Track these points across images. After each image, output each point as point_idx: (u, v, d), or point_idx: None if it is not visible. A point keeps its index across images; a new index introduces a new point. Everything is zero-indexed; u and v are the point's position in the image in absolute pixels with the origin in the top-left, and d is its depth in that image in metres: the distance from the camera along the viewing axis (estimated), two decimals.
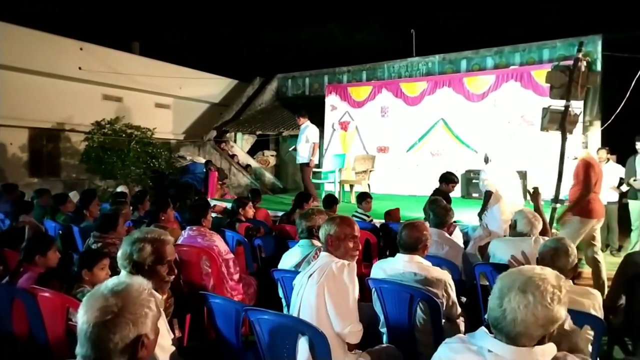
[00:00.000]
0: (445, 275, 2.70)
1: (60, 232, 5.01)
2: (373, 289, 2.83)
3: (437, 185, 9.22)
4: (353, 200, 8.10)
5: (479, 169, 9.13)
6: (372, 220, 5.60)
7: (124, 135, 11.15)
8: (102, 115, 11.49)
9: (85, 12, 17.06)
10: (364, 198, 5.80)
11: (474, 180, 9.21)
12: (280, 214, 6.26)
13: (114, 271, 2.53)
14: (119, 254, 2.11)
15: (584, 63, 4.79)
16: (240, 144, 14.86)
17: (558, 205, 4.95)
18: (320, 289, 2.27)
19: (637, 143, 6.64)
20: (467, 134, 9.73)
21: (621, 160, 9.89)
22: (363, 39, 17.15)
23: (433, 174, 9.94)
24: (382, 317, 2.83)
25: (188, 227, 3.95)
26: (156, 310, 1.34)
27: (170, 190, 10.07)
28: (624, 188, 7.13)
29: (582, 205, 4.46)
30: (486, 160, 5.78)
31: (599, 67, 9.67)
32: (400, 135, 10.48)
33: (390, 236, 5.17)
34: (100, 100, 13.03)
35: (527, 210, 3.43)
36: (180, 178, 11.00)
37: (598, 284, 4.55)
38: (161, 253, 2.14)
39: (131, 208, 6.08)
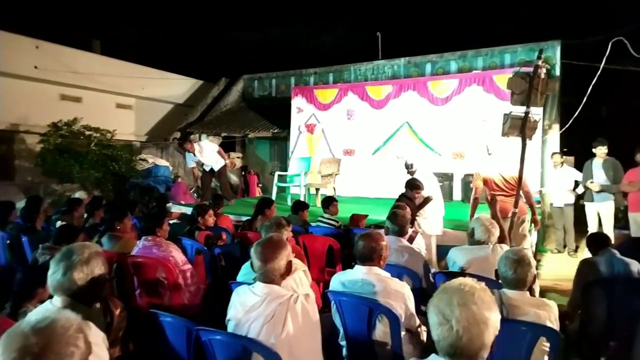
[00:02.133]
0: (403, 287, 2.67)
1: (9, 242, 4.75)
2: (332, 302, 2.78)
3: (402, 188, 9.40)
4: (319, 204, 8.05)
5: (445, 172, 9.32)
6: (341, 225, 5.55)
7: (82, 137, 10.75)
8: (60, 116, 11.06)
9: (42, 9, 16.42)
10: (330, 202, 5.74)
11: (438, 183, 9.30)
12: (245, 218, 6.14)
13: None
14: (48, 276, 1.97)
15: (544, 70, 4.86)
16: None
17: (517, 210, 5.00)
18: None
19: (594, 148, 6.84)
20: (431, 137, 9.83)
21: (579, 162, 10.23)
22: (330, 40, 17.13)
23: (398, 177, 10.04)
24: (341, 330, 2.78)
25: (143, 238, 3.80)
26: (84, 348, 1.22)
27: (131, 194, 9.78)
28: (579, 190, 7.35)
29: None
30: (409, 167, 5.90)
31: (557, 72, 9.93)
32: (366, 138, 10.51)
33: (352, 243, 5.15)
34: (57, 100, 12.56)
35: (484, 218, 3.44)
36: (142, 181, 10.69)
37: None
38: (95, 274, 2.01)
39: (86, 215, 5.85)
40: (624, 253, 3.49)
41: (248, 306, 2.21)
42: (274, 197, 8.59)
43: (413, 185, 5.69)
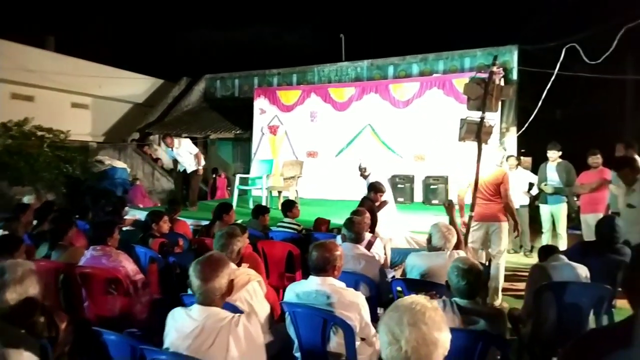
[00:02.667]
0: (358, 297, 2.64)
1: None
2: (287, 313, 2.73)
3: (364, 190, 9.44)
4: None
5: (406, 174, 9.44)
6: (302, 229, 5.50)
7: (33, 137, 10.30)
8: (10, 116, 10.54)
9: None
10: (291, 206, 5.66)
11: (399, 185, 9.41)
12: (205, 223, 6.00)
13: None
14: None
15: (499, 76, 4.96)
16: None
17: (473, 213, 5.08)
18: None
19: (548, 152, 7.03)
20: (393, 139, 9.93)
21: (536, 163, 10.54)
22: (294, 41, 17.07)
23: (361, 179, 10.09)
24: (296, 341, 2.73)
25: (92, 247, 3.65)
26: None
27: (86, 198, 9.44)
28: (534, 192, 7.56)
29: None
30: (363, 170, 5.95)
31: (515, 76, 10.21)
32: (329, 140, 10.52)
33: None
34: (7, 99, 12.00)
35: (442, 224, 3.46)
36: (97, 184, 10.33)
37: None
38: (29, 293, 1.90)
39: (35, 222, 5.59)
40: (573, 256, 3.59)
41: (185, 333, 2.07)
42: (235, 200, 8.48)
43: (376, 188, 5.70)
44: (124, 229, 5.21)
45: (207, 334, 2.05)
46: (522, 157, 11.06)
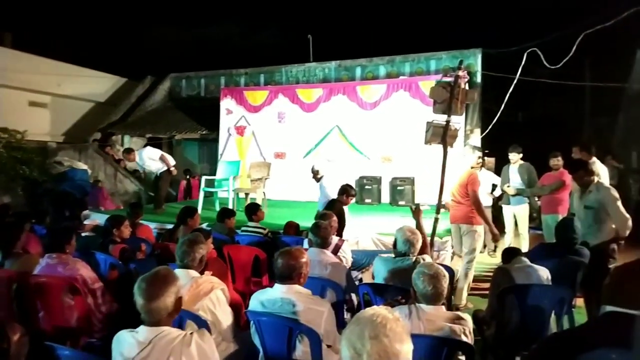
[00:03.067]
0: (324, 305, 2.62)
1: None
2: (251, 322, 2.67)
3: (333, 190, 9.42)
4: None
5: (373, 175, 9.47)
6: (268, 233, 5.44)
7: None
8: None
9: None
10: (255, 210, 5.58)
11: (366, 187, 9.44)
12: (170, 226, 5.84)
13: None
14: None
15: (464, 80, 5.03)
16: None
17: (440, 216, 5.15)
18: None
19: (509, 154, 7.19)
20: (361, 141, 9.98)
21: (499, 164, 10.79)
22: (261, 40, 16.94)
23: (329, 180, 10.10)
24: (261, 351, 2.68)
25: (47, 255, 3.49)
26: None
27: (44, 201, 9.09)
28: (497, 193, 7.74)
29: None
30: (315, 173, 5.98)
31: (479, 79, 10.40)
32: (297, 141, 10.48)
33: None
34: None
35: (407, 228, 3.47)
36: (56, 186, 9.95)
37: None
38: None
39: None
40: (535, 258, 3.67)
41: (131, 357, 1.95)
42: (200, 202, 8.33)
43: (345, 190, 5.70)
44: (84, 234, 5.02)
45: (157, 357, 1.94)
46: (485, 158, 11.32)
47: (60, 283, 3.35)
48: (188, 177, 12.25)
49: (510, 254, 3.57)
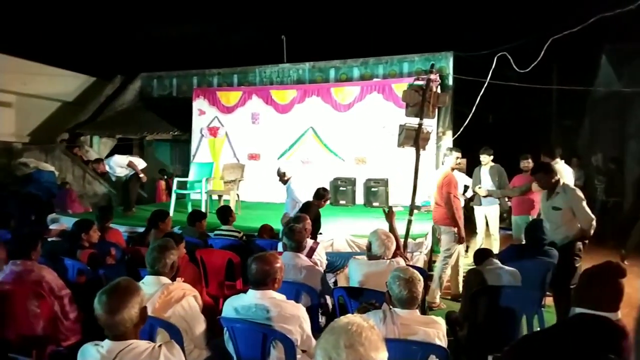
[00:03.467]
0: (299, 310, 2.60)
1: None
2: (225, 329, 2.64)
3: (306, 192, 9.42)
4: None
5: (348, 177, 9.50)
6: (243, 236, 5.39)
7: None
8: None
9: None
10: (228, 213, 5.52)
11: (341, 188, 9.46)
12: (141, 230, 5.71)
13: None
14: None
15: (436, 84, 5.09)
16: (98, 149, 13.55)
17: (413, 217, 5.19)
18: None
19: (480, 156, 7.32)
20: (335, 142, 9.99)
21: (470, 165, 10.96)
22: (234, 40, 16.74)
23: (296, 183, 10.07)
24: (234, 357, 2.65)
25: (11, 262, 3.36)
26: None
27: (8, 204, 8.77)
28: (469, 194, 7.88)
29: None
30: (282, 175, 6.01)
31: (450, 82, 10.55)
32: (271, 143, 10.42)
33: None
34: None
35: (381, 232, 3.49)
36: (22, 189, 9.61)
37: None
38: None
39: None
40: (506, 260, 3.74)
41: None
42: (172, 204, 8.19)
43: (321, 194, 5.71)
44: (50, 239, 4.86)
45: None
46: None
47: (26, 290, 3.24)
48: (166, 177, 12.03)
49: (482, 255, 3.63)
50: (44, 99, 13.72)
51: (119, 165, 8.11)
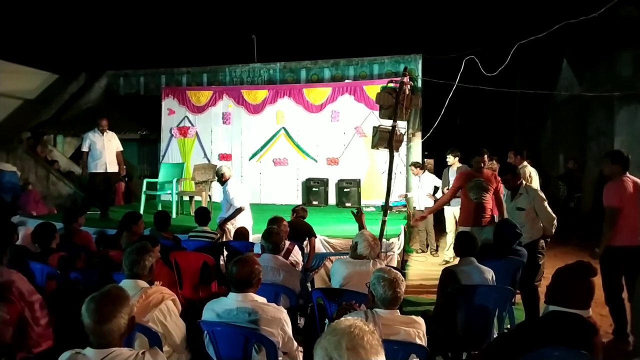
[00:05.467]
0: (281, 312, 2.60)
1: None
2: (205, 332, 2.62)
3: (279, 193, 9.50)
4: (193, 212, 7.69)
5: (320, 177, 9.57)
6: (219, 238, 5.34)
7: None
8: None
9: None
10: (206, 215, 5.46)
11: (313, 189, 9.52)
12: (112, 232, 5.56)
13: None
14: None
15: (408, 87, 5.18)
16: (62, 148, 13.14)
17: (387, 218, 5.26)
18: None
19: (447, 157, 7.48)
20: (308, 143, 10.02)
21: (438, 165, 11.18)
22: (204, 39, 16.52)
23: (276, 182, 10.11)
24: None
25: None
26: None
27: None
28: (439, 195, 8.05)
29: None
30: (220, 176, 6.05)
31: (419, 84, 10.73)
32: (242, 143, 10.36)
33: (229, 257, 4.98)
34: None
35: (368, 234, 3.54)
36: None
37: None
38: None
39: None
40: (479, 258, 3.84)
41: None
42: (142, 206, 8.04)
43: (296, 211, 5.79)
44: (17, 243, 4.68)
45: None
46: (425, 160, 11.73)
47: None
48: (126, 178, 11.77)
49: (464, 249, 3.64)
50: (4, 96, 13.19)
51: (116, 145, 7.61)
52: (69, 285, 3.85)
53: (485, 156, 5.38)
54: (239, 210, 5.88)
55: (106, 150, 7.44)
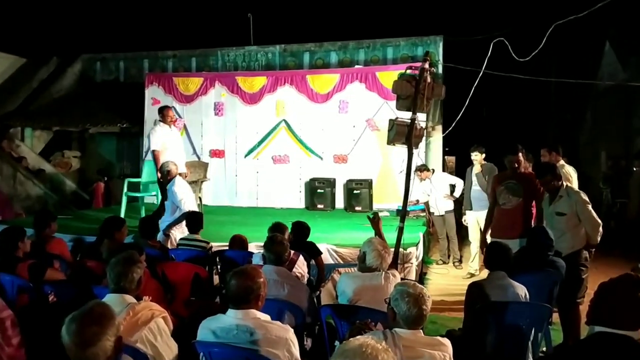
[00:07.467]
0: (287, 332, 2.63)
1: None
2: (200, 354, 2.64)
3: (279, 196, 9.52)
4: None
5: (326, 177, 9.60)
6: (211, 247, 5.38)
7: None
8: None
9: None
10: (199, 221, 5.50)
11: (318, 190, 9.54)
12: (90, 239, 5.60)
13: None
14: None
15: (431, 74, 5.19)
16: (30, 143, 13.21)
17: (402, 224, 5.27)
18: None
19: (471, 154, 7.47)
20: (312, 138, 10.04)
21: (460, 163, 11.17)
22: (193, 18, 16.57)
23: (276, 183, 10.14)
24: None
25: None
26: None
27: None
28: (457, 193, 8.06)
29: None
30: (165, 174, 6.08)
31: (440, 70, 10.73)
32: (237, 138, 10.40)
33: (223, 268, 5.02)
34: None
35: (377, 241, 3.55)
36: None
37: None
38: None
39: None
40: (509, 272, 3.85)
41: None
42: (123, 209, 8.08)
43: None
44: None
45: None
46: (446, 157, 11.73)
47: None
48: (106, 178, 11.83)
49: (496, 262, 3.65)
50: None
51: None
52: (43, 299, 3.89)
53: (520, 154, 5.36)
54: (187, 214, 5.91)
55: (177, 147, 7.49)
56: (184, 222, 5.85)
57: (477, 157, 7.41)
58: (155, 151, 7.34)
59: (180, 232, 5.82)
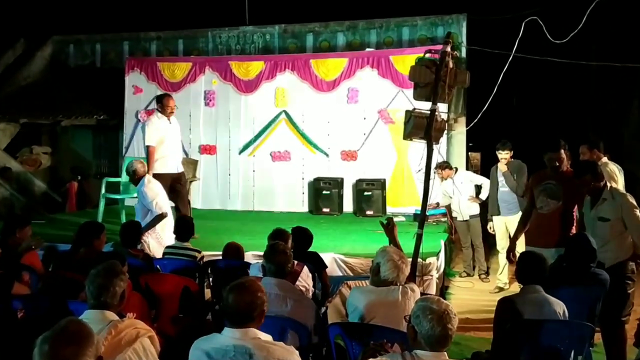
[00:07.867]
0: (291, 354, 2.64)
1: None
2: None
3: (279, 198, 9.54)
4: None
5: (333, 177, 9.61)
6: (203, 257, 5.42)
7: None
8: None
9: None
10: (189, 228, 5.53)
11: (324, 192, 9.55)
12: (64, 247, 5.65)
13: None
14: None
15: (452, 58, 5.19)
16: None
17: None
18: None
19: (497, 152, 7.44)
20: (316, 132, 10.06)
21: (486, 159, 11.14)
22: None
23: (275, 183, 10.16)
24: None
25: None
26: None
27: None
28: (484, 195, 8.05)
29: None
30: (132, 173, 6.13)
31: (463, 53, 10.73)
32: (230, 132, 10.45)
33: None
34: None
35: (393, 250, 3.56)
36: None
37: None
38: None
39: None
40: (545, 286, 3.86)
41: None
42: (101, 213, 8.13)
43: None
44: None
45: None
46: (470, 153, 11.71)
47: None
48: (80, 177, 11.88)
49: (528, 277, 3.66)
50: None
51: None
52: (10, 315, 3.91)
53: (563, 151, 5.35)
54: (161, 217, 5.99)
55: (176, 142, 7.52)
56: (157, 227, 5.95)
57: (506, 156, 7.39)
58: (150, 147, 7.24)
59: (154, 237, 5.88)
